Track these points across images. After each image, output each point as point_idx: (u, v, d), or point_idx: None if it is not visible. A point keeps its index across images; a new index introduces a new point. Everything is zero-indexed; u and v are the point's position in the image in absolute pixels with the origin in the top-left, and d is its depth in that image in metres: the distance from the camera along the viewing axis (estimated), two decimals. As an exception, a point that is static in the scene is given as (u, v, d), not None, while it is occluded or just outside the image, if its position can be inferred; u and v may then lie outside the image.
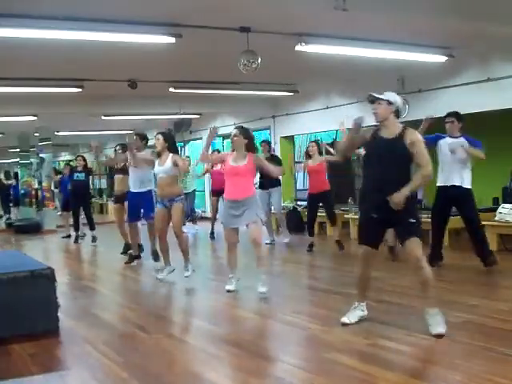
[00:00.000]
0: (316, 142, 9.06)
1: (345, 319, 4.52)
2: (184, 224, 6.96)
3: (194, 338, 4.66)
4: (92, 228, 10.96)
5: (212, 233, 10.87)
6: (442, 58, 7.71)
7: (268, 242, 9.36)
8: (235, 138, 5.84)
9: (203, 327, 4.94)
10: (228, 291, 5.95)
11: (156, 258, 7.74)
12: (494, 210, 8.09)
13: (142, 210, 7.89)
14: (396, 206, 4.10)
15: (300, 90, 10.75)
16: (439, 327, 4.12)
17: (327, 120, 11.43)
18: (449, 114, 6.57)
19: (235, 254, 6.09)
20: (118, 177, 8.81)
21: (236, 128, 6.04)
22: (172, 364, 3.94)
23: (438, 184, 6.51)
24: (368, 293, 4.66)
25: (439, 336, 4.07)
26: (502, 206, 8.07)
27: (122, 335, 4.81)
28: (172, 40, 5.95)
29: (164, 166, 6.61)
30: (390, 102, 4.30)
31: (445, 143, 6.46)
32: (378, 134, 4.34)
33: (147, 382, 3.64)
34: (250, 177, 5.87)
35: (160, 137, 6.69)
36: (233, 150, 5.92)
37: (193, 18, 5.67)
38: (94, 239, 10.82)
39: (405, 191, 4.09)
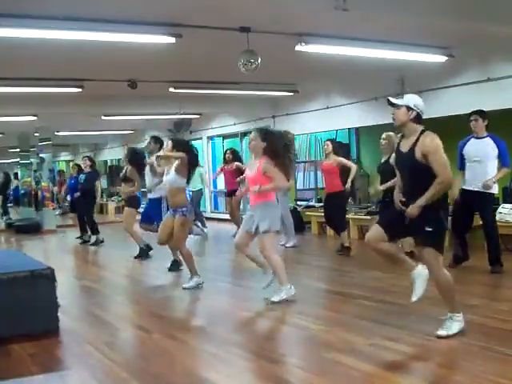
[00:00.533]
0: (331, 140, 8.95)
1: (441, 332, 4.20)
2: (188, 235, 6.62)
3: (194, 338, 4.66)
4: (93, 233, 10.97)
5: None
6: (442, 58, 7.70)
7: (289, 245, 9.16)
8: (252, 142, 5.48)
9: (203, 327, 4.95)
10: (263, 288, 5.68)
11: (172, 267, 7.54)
12: (494, 210, 8.07)
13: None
14: (411, 217, 4.05)
15: (300, 90, 10.74)
16: (441, 330, 4.11)
17: (327, 120, 11.43)
18: (473, 112, 6.48)
19: (247, 255, 5.77)
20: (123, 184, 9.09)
21: (254, 130, 5.66)
22: (172, 364, 3.94)
23: (462, 186, 6.44)
24: (413, 260, 4.42)
25: (439, 337, 4.07)
26: (501, 206, 8.06)
27: (122, 335, 4.81)
28: (172, 40, 5.95)
29: (169, 175, 6.35)
30: (409, 108, 4.10)
31: (468, 147, 6.41)
32: (399, 147, 4.26)
33: (147, 382, 3.64)
34: (260, 185, 5.39)
35: (170, 143, 6.43)
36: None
37: (193, 18, 5.67)
38: (96, 242, 10.84)
39: (420, 202, 3.98)
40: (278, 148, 5.44)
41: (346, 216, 10.05)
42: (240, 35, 6.06)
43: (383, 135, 7.48)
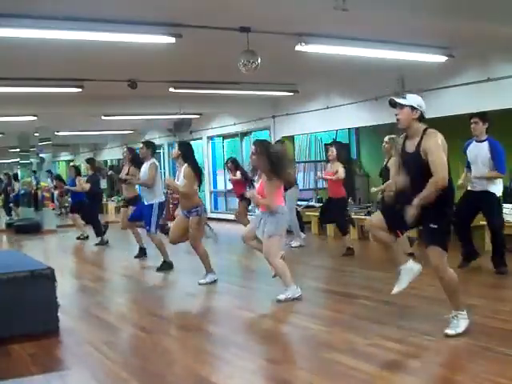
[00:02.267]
0: (332, 143, 8.95)
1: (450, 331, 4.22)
2: (203, 235, 6.79)
3: (194, 338, 4.66)
4: (97, 235, 11.01)
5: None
6: (442, 58, 7.70)
7: (295, 245, 9.17)
8: (252, 157, 5.70)
9: (203, 327, 4.95)
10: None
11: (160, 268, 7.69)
12: (501, 211, 8.06)
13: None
14: (410, 218, 4.04)
15: (300, 90, 10.74)
16: (449, 329, 4.13)
17: (327, 120, 11.43)
18: (474, 115, 6.52)
19: (252, 245, 5.94)
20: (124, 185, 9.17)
21: (253, 143, 5.80)
22: (172, 364, 3.94)
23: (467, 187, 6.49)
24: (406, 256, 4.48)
25: (447, 336, 4.08)
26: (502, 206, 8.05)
27: (121, 335, 4.81)
28: (172, 40, 5.95)
29: (179, 179, 6.54)
30: (413, 108, 4.08)
31: (470, 149, 6.48)
32: (404, 147, 4.26)
33: (147, 382, 3.64)
34: (264, 195, 5.53)
35: (176, 146, 6.76)
36: None
37: (193, 18, 5.67)
38: (101, 242, 10.89)
39: (415, 201, 3.98)
40: (273, 159, 5.46)
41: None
42: (240, 35, 6.05)
43: (386, 138, 7.49)
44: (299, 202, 12.26)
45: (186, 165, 6.43)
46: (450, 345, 4.01)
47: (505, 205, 8.01)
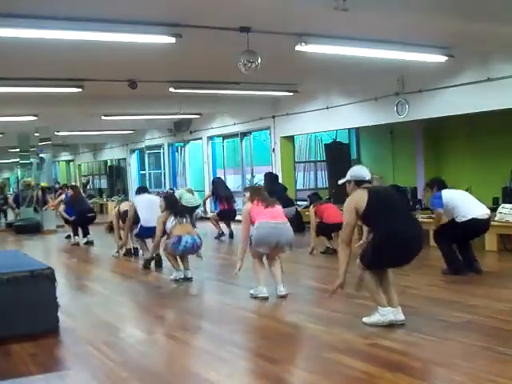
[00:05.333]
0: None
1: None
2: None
3: (194, 338, 4.66)
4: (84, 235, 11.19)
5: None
6: (442, 58, 7.70)
7: None
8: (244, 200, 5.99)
9: (203, 327, 4.95)
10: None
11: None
12: (494, 210, 8.08)
13: None
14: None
15: (300, 90, 10.73)
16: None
17: (327, 120, 11.44)
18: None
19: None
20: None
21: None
22: (172, 364, 3.94)
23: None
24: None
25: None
26: (502, 206, 8.07)
27: (122, 335, 4.81)
28: (172, 40, 5.95)
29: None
30: (348, 181, 4.70)
31: None
32: None
33: (147, 382, 3.64)
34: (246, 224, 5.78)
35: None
36: None
37: (193, 18, 5.67)
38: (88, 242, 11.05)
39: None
40: (252, 193, 5.91)
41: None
42: (240, 35, 6.05)
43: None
44: (299, 202, 12.28)
45: None
46: (450, 345, 4.01)
47: (505, 205, 8.03)
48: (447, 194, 6.53)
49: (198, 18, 5.67)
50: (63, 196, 12.62)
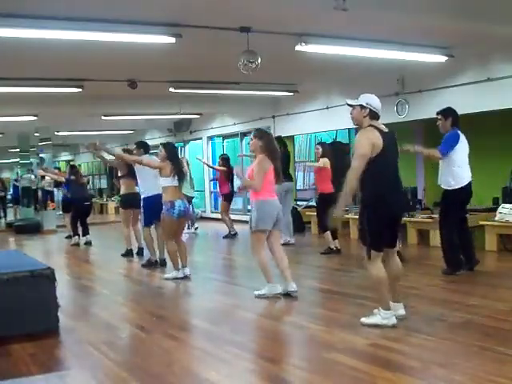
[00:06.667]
0: (320, 143, 9.08)
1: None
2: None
3: (194, 338, 4.66)
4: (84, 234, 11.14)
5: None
6: (442, 58, 7.71)
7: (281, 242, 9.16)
8: (250, 142, 5.73)
9: (203, 327, 4.94)
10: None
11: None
12: (494, 210, 8.08)
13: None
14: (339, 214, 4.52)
15: (300, 90, 10.75)
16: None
17: (327, 120, 11.43)
18: (437, 112, 6.44)
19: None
20: (124, 181, 8.92)
21: (253, 131, 5.88)
22: (172, 364, 3.94)
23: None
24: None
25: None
26: (502, 206, 8.06)
27: (122, 335, 4.81)
28: (172, 40, 5.95)
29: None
30: (362, 106, 4.42)
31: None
32: None
33: (147, 382, 3.64)
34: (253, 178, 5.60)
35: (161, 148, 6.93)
36: None
37: (193, 18, 5.68)
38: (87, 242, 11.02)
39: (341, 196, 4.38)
40: (274, 146, 5.71)
41: (346, 216, 10.07)
42: (240, 35, 6.06)
43: None
44: (299, 202, 12.27)
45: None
46: (450, 345, 4.01)
47: (504, 205, 8.03)
48: (464, 139, 6.24)
49: (198, 18, 5.67)
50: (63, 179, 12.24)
